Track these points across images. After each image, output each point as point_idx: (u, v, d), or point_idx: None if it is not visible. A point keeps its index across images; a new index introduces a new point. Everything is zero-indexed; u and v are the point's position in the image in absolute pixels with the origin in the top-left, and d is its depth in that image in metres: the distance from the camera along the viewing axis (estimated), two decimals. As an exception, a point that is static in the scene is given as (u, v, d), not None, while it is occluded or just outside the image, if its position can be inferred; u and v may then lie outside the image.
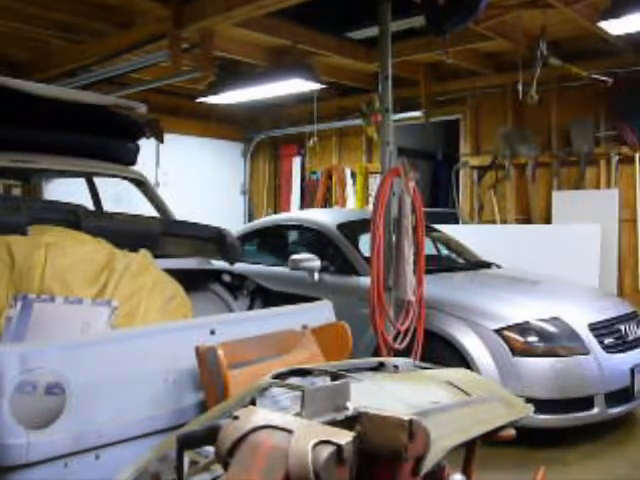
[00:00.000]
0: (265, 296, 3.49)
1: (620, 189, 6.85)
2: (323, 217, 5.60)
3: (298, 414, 0.86)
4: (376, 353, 4.01)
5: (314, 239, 5.48)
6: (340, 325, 2.65)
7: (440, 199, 9.52)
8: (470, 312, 4.14)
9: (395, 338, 4.03)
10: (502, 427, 1.70)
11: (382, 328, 3.96)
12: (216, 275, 3.60)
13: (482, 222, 7.85)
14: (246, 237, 5.96)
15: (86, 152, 3.74)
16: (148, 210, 4.06)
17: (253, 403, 1.49)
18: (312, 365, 1.75)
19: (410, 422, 0.77)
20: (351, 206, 9.07)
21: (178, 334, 2.39)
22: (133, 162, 4.08)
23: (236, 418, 0.77)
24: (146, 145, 4.33)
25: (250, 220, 9.82)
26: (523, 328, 3.99)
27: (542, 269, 5.64)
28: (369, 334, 4.13)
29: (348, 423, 0.88)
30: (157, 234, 3.28)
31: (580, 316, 4.19)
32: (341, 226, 5.25)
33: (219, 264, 3.68)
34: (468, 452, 1.78)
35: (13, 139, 3.38)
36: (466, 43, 6.54)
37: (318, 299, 3.05)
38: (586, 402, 3.92)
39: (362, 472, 0.75)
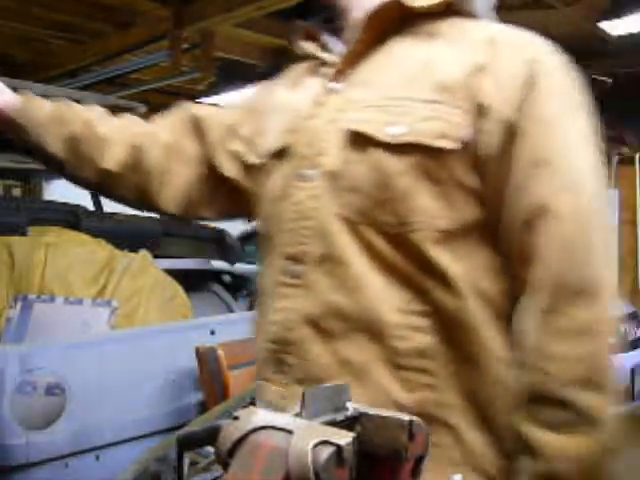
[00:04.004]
0: (265, 296, 3.48)
1: (620, 190, 6.84)
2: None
3: (298, 414, 0.86)
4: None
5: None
6: (340, 325, 2.64)
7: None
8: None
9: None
10: (502, 427, 1.70)
11: (382, 328, 3.95)
12: (216, 276, 3.60)
13: (482, 222, 7.84)
14: (246, 238, 5.94)
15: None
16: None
17: (253, 403, 1.49)
18: (312, 365, 1.75)
19: (410, 422, 0.77)
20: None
21: (178, 334, 2.39)
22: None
23: (236, 418, 0.77)
24: (146, 145, 4.32)
25: (250, 220, 9.79)
26: (523, 328, 3.98)
27: (542, 269, 5.63)
28: (369, 334, 4.12)
29: (348, 423, 0.88)
30: (157, 234, 3.28)
31: (580, 316, 4.18)
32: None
33: (219, 264, 3.68)
34: (468, 452, 1.78)
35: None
36: (466, 43, 6.53)
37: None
38: (586, 402, 3.91)
39: (362, 472, 0.75)
